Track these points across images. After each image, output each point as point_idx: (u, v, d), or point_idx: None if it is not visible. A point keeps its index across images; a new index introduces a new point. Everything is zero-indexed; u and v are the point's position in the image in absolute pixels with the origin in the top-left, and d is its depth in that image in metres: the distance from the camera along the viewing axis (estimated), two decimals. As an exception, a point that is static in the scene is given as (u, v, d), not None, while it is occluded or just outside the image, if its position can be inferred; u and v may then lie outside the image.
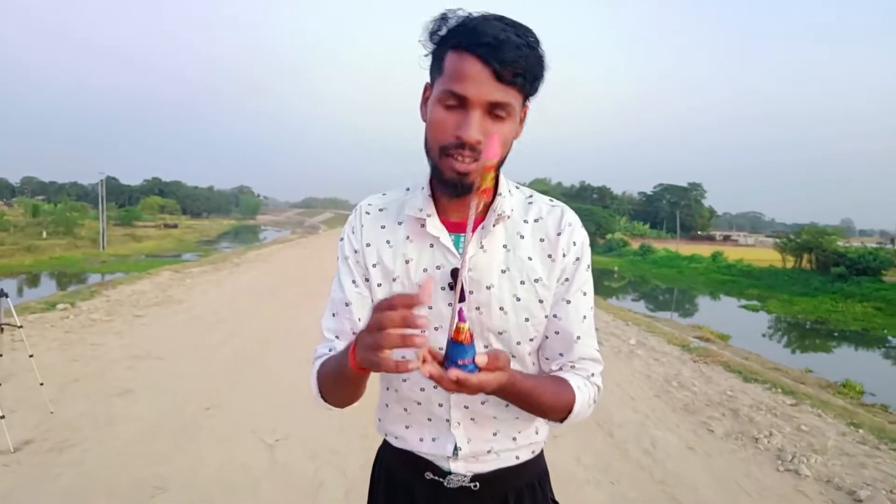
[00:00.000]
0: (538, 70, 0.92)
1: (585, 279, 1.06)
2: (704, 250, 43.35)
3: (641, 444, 4.01)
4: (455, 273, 0.99)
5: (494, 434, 1.08)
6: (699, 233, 76.85)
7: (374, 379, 1.16)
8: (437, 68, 0.94)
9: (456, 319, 0.77)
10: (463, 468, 1.08)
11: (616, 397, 5.00)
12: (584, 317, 1.06)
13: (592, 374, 1.07)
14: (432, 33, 0.94)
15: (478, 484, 1.08)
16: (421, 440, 1.09)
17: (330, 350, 1.07)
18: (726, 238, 79.52)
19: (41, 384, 4.03)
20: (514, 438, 1.09)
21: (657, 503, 3.23)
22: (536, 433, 1.13)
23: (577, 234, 1.05)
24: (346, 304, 1.07)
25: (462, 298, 0.98)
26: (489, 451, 1.08)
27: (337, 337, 1.08)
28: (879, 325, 19.16)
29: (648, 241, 53.44)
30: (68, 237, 35.46)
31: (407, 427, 1.10)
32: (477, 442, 1.07)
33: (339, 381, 0.96)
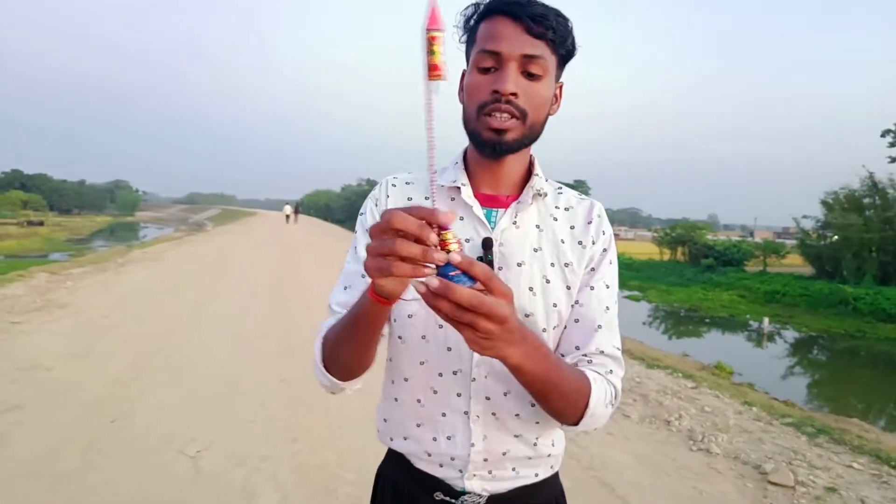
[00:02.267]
0: (567, 32, 0.94)
1: (610, 272, 1.04)
2: (590, 245, 45.57)
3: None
4: (487, 243, 0.97)
5: (516, 436, 1.01)
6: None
7: (314, 385, 1.08)
8: (471, 43, 0.97)
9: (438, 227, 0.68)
10: (478, 486, 1.01)
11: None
12: (608, 308, 1.02)
13: (611, 371, 0.98)
14: (467, 19, 0.97)
15: None
16: (434, 439, 1.01)
17: None
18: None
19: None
20: (535, 444, 1.03)
21: (589, 488, 3.37)
22: (553, 444, 1.06)
23: (605, 226, 1.05)
24: (363, 276, 1.01)
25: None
26: (505, 455, 1.01)
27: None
28: (743, 310, 20.93)
29: (539, 236, 55.39)
30: None
31: (419, 425, 1.03)
32: (494, 441, 1.00)
33: (353, 329, 0.88)
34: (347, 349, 0.93)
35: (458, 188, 1.01)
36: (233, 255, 16.70)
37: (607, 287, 1.03)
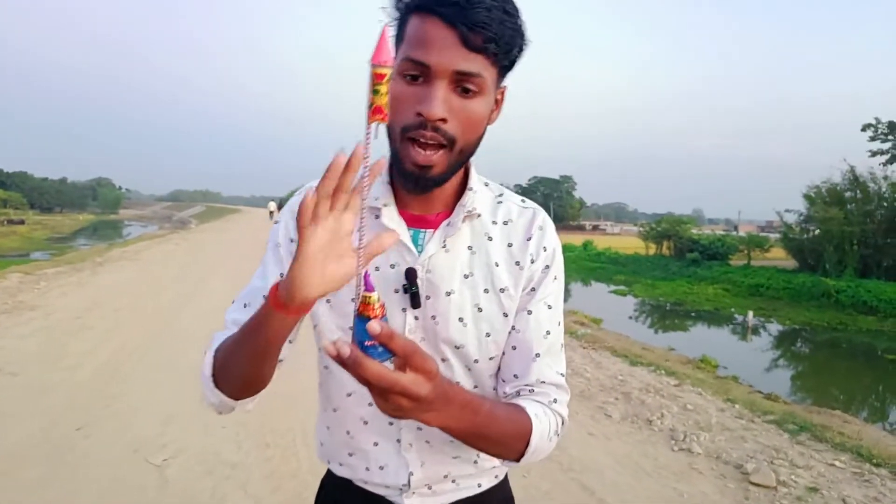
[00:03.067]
0: (514, 39, 0.79)
1: (552, 291, 0.94)
2: (576, 239, 45.75)
3: (546, 432, 4.09)
4: (411, 274, 0.87)
5: (454, 458, 0.96)
6: (571, 223, 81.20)
7: (285, 389, 1.03)
8: (399, 36, 0.81)
9: (362, 287, 0.61)
10: (418, 502, 0.96)
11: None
12: (548, 332, 0.93)
13: (555, 401, 0.91)
14: (396, 1, 0.81)
15: None
16: (367, 469, 0.96)
17: None
18: (595, 227, 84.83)
19: None
20: (475, 462, 0.98)
21: (569, 490, 3.30)
22: None
23: (548, 240, 0.94)
24: (265, 296, 0.88)
25: (416, 304, 0.88)
26: (446, 477, 0.96)
27: None
28: (727, 304, 21.01)
29: (525, 231, 55.57)
30: None
31: (351, 454, 0.97)
32: (432, 466, 0.95)
33: (249, 342, 0.77)
34: (241, 364, 0.81)
35: (380, 209, 0.90)
36: (214, 253, 16.49)
37: (549, 308, 0.94)
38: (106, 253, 15.18)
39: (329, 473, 1.08)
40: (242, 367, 0.82)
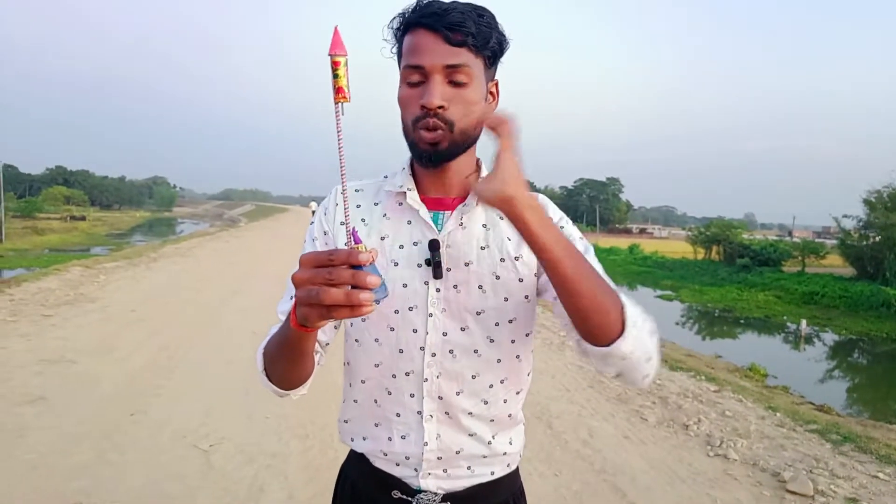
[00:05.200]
0: (489, 33, 0.93)
1: (570, 233, 1.01)
2: (622, 243, 45.11)
3: (579, 434, 4.10)
4: (434, 244, 0.98)
5: (470, 435, 1.03)
6: (617, 226, 79.94)
7: (330, 382, 1.10)
8: (399, 56, 0.98)
9: (352, 242, 0.70)
10: (434, 485, 1.03)
11: (552, 389, 5.08)
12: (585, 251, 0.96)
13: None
14: (395, 30, 0.97)
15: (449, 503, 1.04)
16: (390, 439, 1.04)
17: None
18: (642, 231, 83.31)
19: (-62, 394, 3.66)
20: (489, 443, 1.05)
21: (599, 493, 3.30)
22: (511, 443, 1.08)
23: (552, 212, 1.04)
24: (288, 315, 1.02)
25: (438, 275, 0.98)
26: (458, 454, 1.03)
27: None
28: (779, 311, 20.41)
29: (570, 233, 54.99)
30: (-41, 230, 32.46)
31: (377, 425, 1.06)
32: (447, 440, 1.02)
33: (283, 349, 0.91)
34: (280, 367, 0.96)
35: (405, 192, 1.03)
36: (259, 251, 16.95)
37: (579, 238, 1.01)
38: (160, 249, 15.77)
39: (348, 460, 1.15)
40: (282, 369, 0.97)
